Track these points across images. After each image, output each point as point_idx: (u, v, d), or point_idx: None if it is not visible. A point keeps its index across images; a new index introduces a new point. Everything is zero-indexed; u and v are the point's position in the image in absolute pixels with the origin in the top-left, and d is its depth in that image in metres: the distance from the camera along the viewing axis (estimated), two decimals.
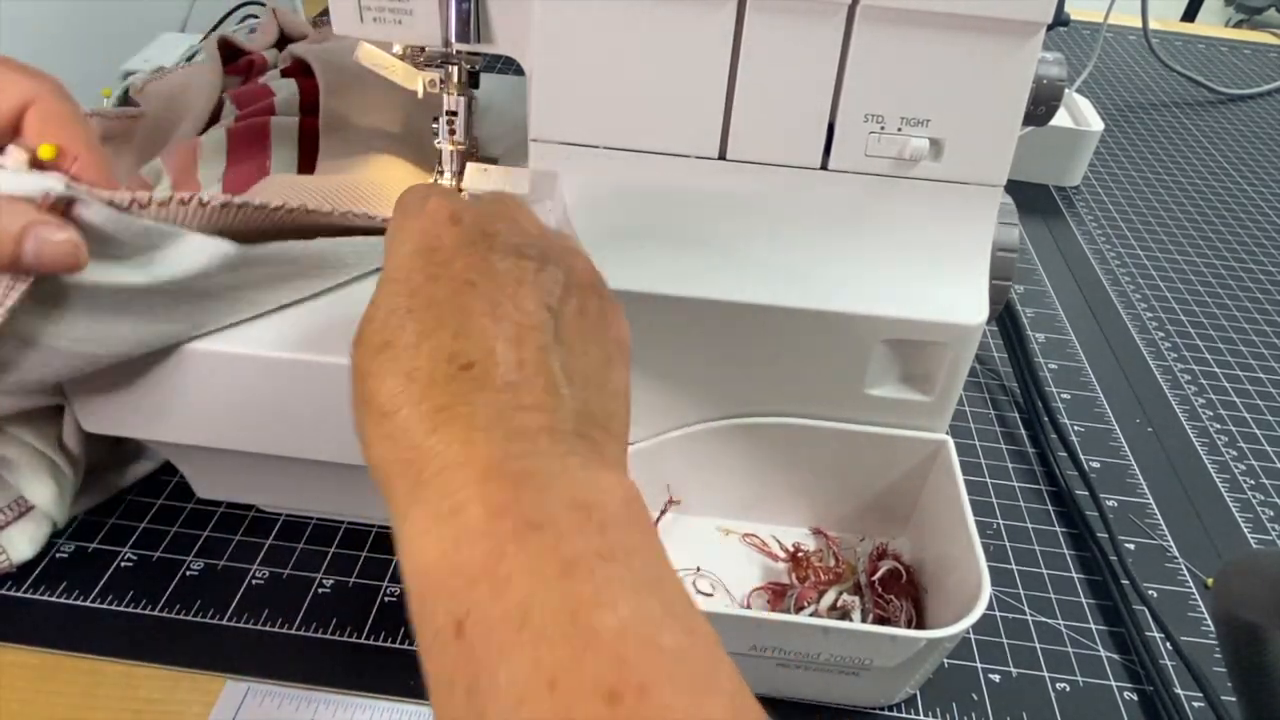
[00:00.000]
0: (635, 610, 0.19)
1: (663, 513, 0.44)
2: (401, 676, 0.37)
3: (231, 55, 0.51)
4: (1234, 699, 0.32)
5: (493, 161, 0.41)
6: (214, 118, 0.47)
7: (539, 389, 0.23)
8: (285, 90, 0.47)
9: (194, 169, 0.42)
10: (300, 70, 0.49)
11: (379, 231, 0.35)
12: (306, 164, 0.45)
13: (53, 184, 0.26)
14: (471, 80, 0.40)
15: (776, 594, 0.41)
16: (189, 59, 0.65)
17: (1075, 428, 0.54)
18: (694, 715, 0.18)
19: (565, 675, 0.18)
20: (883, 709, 0.38)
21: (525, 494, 0.21)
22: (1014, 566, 0.45)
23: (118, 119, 0.46)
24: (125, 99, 0.48)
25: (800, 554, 0.42)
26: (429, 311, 0.24)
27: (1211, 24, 1.70)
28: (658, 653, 0.18)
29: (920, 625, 0.39)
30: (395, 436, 0.22)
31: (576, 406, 0.24)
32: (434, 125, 0.40)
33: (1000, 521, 0.47)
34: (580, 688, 0.17)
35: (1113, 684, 0.40)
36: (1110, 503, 0.49)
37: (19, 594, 0.38)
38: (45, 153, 0.28)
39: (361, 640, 0.38)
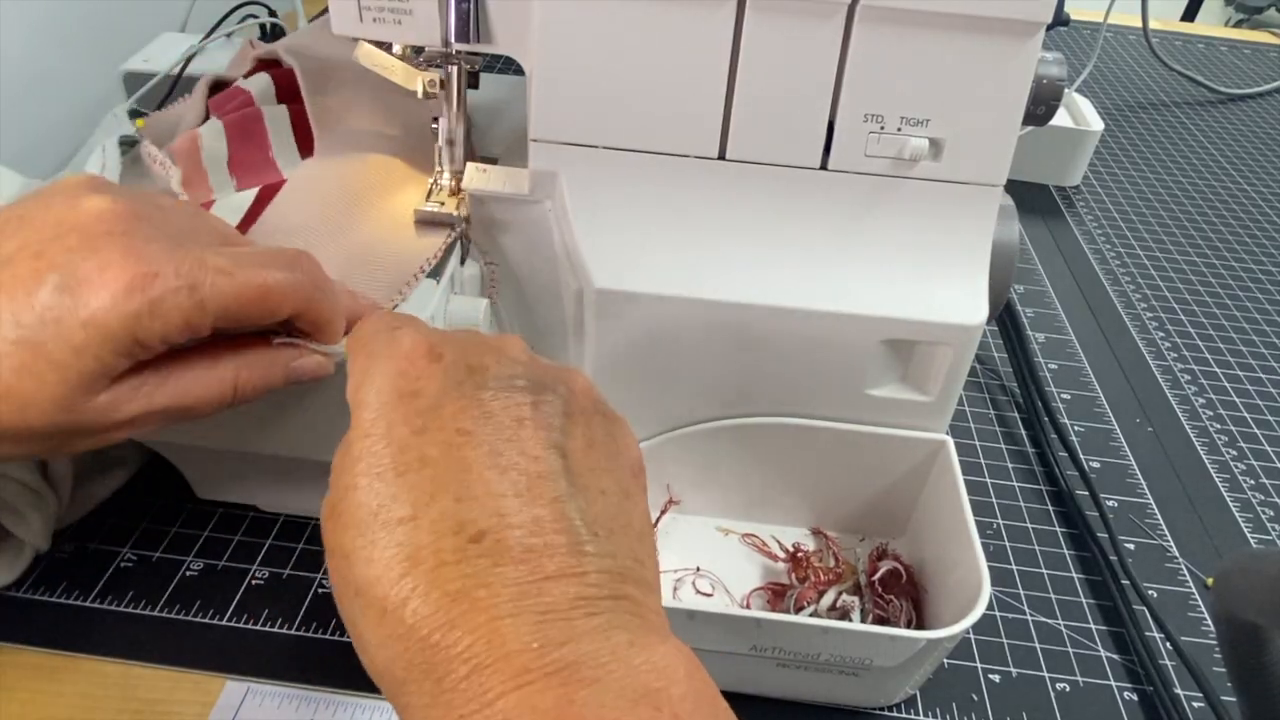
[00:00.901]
0: None
1: (662, 513, 0.44)
2: None
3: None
4: (1234, 699, 0.32)
5: (493, 161, 0.41)
6: None
7: (562, 551, 0.20)
8: (259, 84, 0.47)
9: (199, 157, 0.42)
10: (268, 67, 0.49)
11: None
12: (305, 151, 0.45)
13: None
14: (471, 80, 0.40)
15: (776, 594, 0.41)
16: (188, 60, 0.65)
17: (1075, 428, 0.54)
18: None
19: None
20: (883, 709, 0.38)
21: (577, 694, 0.18)
22: (1014, 566, 0.45)
23: None
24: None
25: (800, 554, 0.42)
26: (422, 473, 0.21)
27: (1211, 24, 1.70)
28: None
29: (920, 625, 0.39)
30: (404, 636, 0.19)
31: (606, 563, 0.21)
32: (433, 125, 0.40)
33: (1000, 521, 0.47)
34: None
35: (1113, 684, 0.40)
36: (1110, 503, 0.49)
37: (19, 594, 0.38)
38: None
39: None
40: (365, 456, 0.21)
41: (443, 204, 0.40)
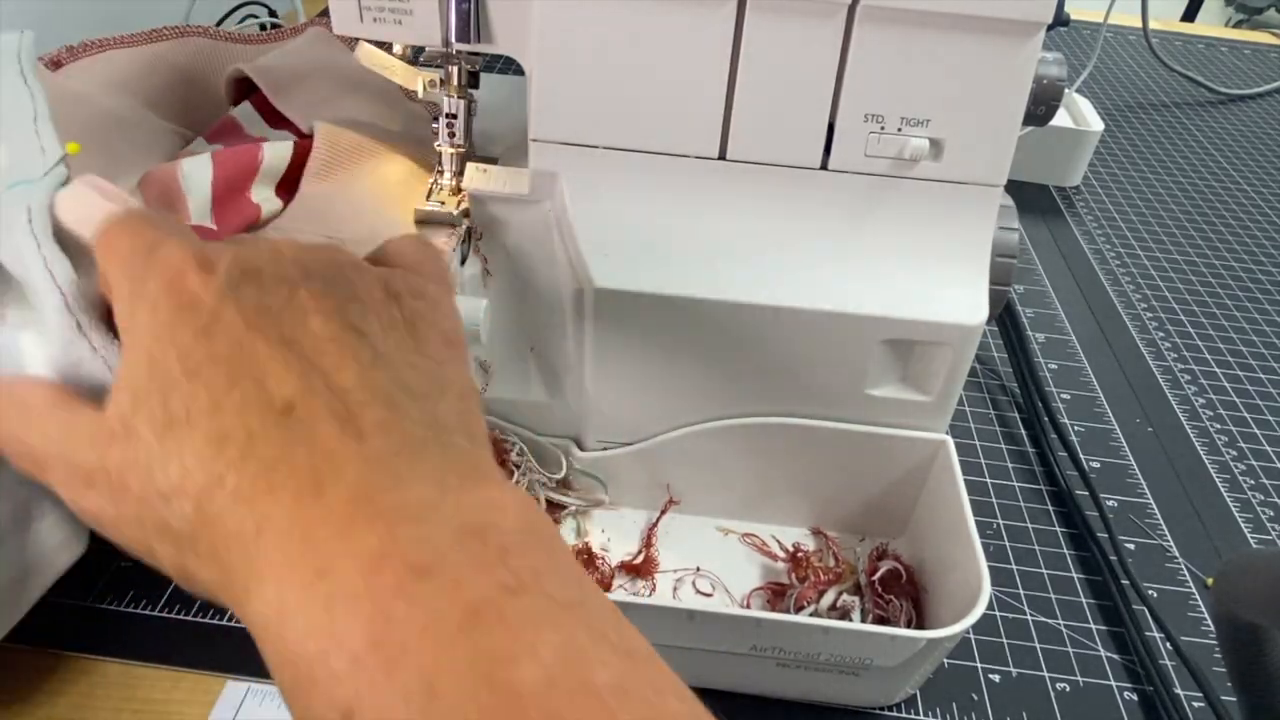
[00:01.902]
0: (560, 650, 0.16)
1: (662, 513, 0.44)
2: None
3: None
4: (1234, 699, 0.32)
5: (493, 161, 0.41)
6: None
7: (377, 411, 0.20)
8: (244, 111, 0.46)
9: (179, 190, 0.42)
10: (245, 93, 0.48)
11: None
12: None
13: None
14: (471, 80, 0.40)
15: (776, 594, 0.41)
16: None
17: (1075, 428, 0.54)
18: None
19: None
20: (883, 709, 0.38)
21: (403, 531, 0.17)
22: (1014, 566, 0.45)
23: None
24: None
25: (800, 554, 0.42)
26: (215, 369, 0.19)
27: (1211, 24, 1.70)
28: (594, 698, 0.16)
29: (920, 625, 0.39)
30: (222, 514, 0.18)
31: (427, 417, 0.20)
32: (434, 126, 0.40)
33: (1000, 521, 0.47)
34: None
35: (1113, 684, 0.40)
36: (1110, 503, 0.49)
37: None
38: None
39: None
40: (150, 371, 0.20)
41: (443, 204, 0.39)
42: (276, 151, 0.42)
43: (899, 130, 0.35)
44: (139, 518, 0.20)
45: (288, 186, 0.43)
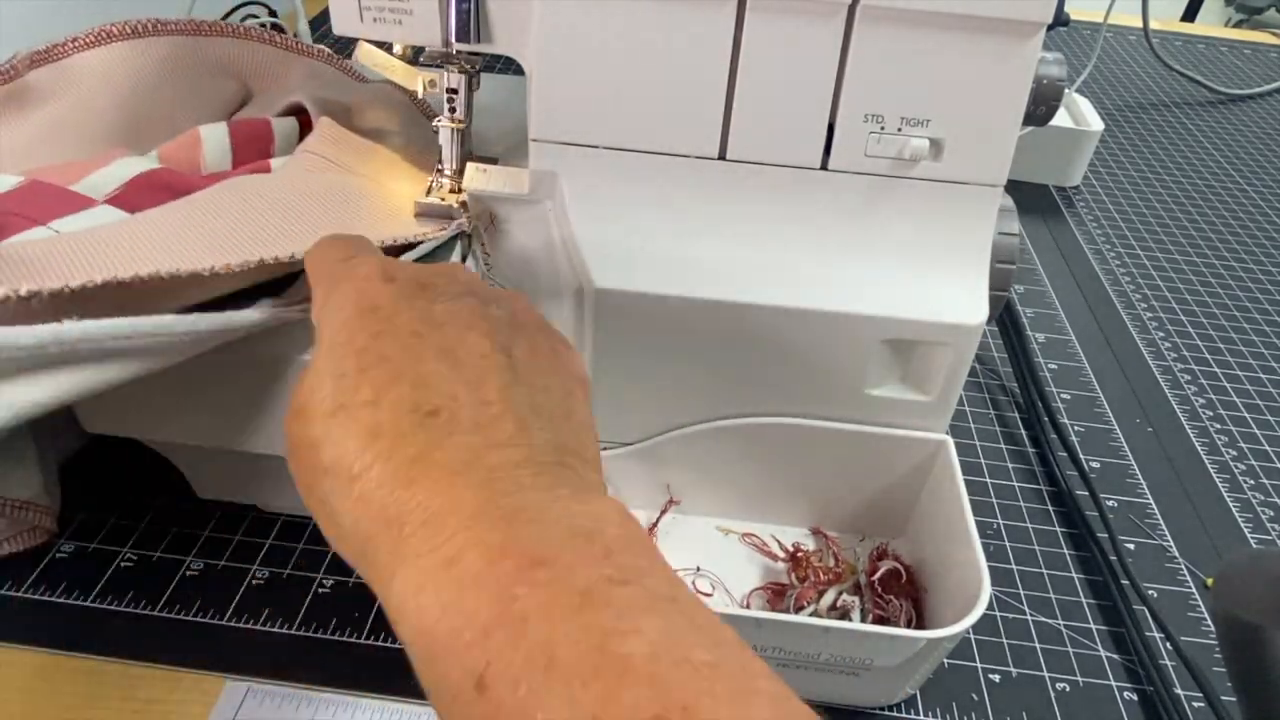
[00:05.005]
0: (661, 631, 0.18)
1: (663, 513, 0.44)
2: (401, 676, 0.37)
3: None
4: (1234, 699, 0.32)
5: (493, 161, 0.41)
6: None
7: (509, 425, 0.23)
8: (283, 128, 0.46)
9: (199, 167, 0.42)
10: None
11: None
12: None
13: None
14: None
15: (776, 594, 0.41)
16: None
17: (1075, 428, 0.54)
18: None
19: (605, 709, 0.17)
20: (883, 709, 0.38)
21: (522, 530, 0.20)
22: (1014, 566, 0.45)
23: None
24: None
25: (800, 554, 0.42)
26: (381, 368, 0.23)
27: (1211, 24, 1.70)
28: (692, 670, 0.18)
29: (920, 625, 0.39)
30: (368, 496, 0.21)
31: (550, 439, 0.23)
32: (434, 125, 0.40)
33: (1000, 521, 0.47)
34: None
35: (1113, 684, 0.40)
36: (1110, 503, 0.49)
37: (19, 594, 0.38)
38: None
39: (361, 640, 0.38)
40: (330, 361, 0.24)
41: (442, 200, 0.39)
42: (284, 125, 0.42)
43: (899, 130, 0.35)
44: (308, 486, 0.23)
45: None
